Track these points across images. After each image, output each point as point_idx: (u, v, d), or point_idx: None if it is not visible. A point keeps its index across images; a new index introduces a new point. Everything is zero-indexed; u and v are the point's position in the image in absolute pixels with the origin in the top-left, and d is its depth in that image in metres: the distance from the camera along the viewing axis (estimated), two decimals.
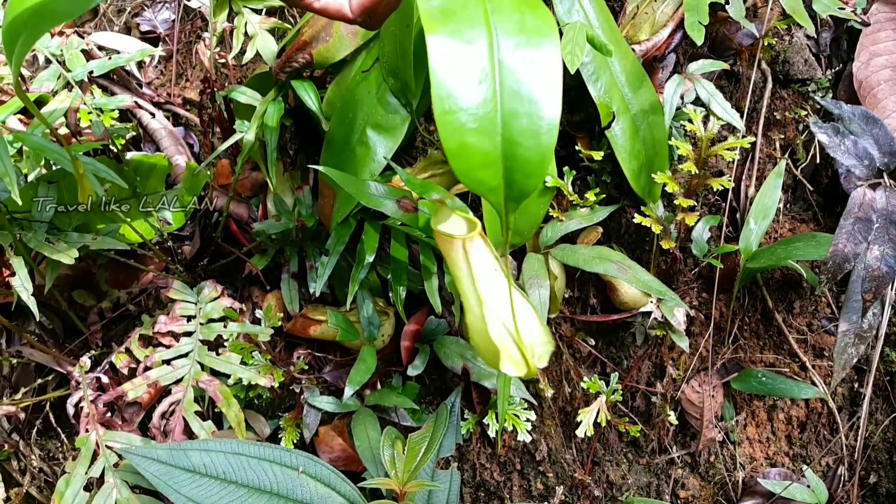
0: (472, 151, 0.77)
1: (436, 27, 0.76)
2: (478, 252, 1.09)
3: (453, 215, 1.16)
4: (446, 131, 0.76)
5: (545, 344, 1.11)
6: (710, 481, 1.68)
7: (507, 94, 0.77)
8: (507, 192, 0.80)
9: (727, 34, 1.63)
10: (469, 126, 0.76)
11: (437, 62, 0.75)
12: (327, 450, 1.63)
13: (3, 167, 1.25)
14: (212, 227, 1.80)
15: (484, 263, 1.09)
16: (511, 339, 1.08)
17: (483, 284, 1.08)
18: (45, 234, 1.46)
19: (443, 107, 0.75)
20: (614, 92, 1.46)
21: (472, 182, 0.79)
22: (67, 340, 1.78)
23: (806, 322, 1.65)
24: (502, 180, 0.79)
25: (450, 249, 1.10)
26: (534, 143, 0.77)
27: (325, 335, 1.64)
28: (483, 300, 1.08)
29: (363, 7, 0.99)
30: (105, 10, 2.08)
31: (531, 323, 1.10)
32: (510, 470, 1.68)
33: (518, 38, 0.78)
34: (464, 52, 0.76)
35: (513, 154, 0.77)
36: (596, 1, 1.45)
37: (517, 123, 0.77)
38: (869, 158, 1.34)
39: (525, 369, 1.08)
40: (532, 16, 0.79)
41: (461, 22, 0.77)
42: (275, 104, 1.50)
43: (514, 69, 0.77)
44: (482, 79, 0.76)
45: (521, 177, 0.79)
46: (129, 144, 1.89)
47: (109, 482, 1.46)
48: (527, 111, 0.77)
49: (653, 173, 1.50)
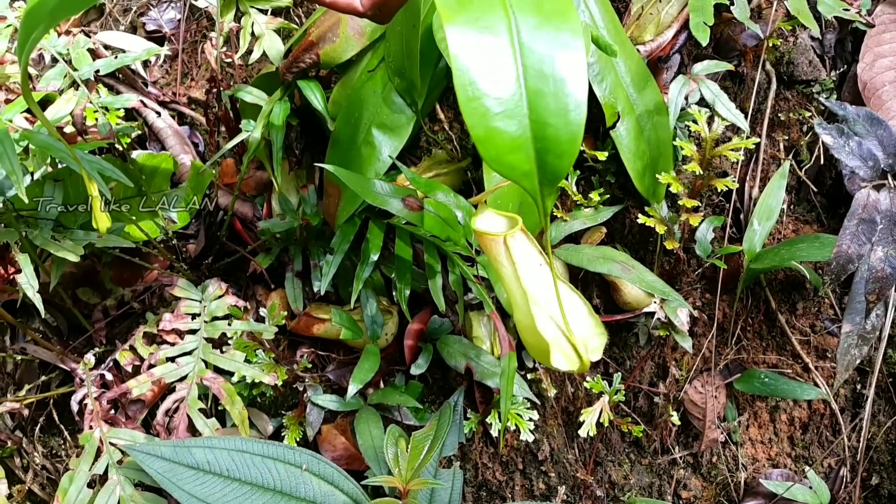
0: (500, 136, 0.75)
1: (453, 17, 0.75)
2: (520, 247, 1.08)
3: (492, 213, 1.15)
4: (472, 118, 0.75)
5: (598, 336, 1.09)
6: (713, 482, 1.68)
7: (531, 75, 0.76)
8: (541, 176, 0.78)
9: (732, 35, 1.64)
10: (495, 111, 0.75)
11: (458, 50, 0.74)
12: (330, 448, 1.64)
13: (9, 165, 1.26)
14: (217, 225, 1.80)
15: (527, 259, 1.08)
16: (561, 332, 1.07)
17: (528, 280, 1.07)
18: (51, 231, 1.47)
19: (466, 94, 0.74)
20: (619, 92, 1.47)
21: (504, 168, 0.78)
22: (72, 338, 1.79)
23: (809, 323, 1.66)
24: (534, 163, 0.77)
25: (491, 248, 1.08)
26: (563, 122, 0.76)
27: (328, 334, 1.64)
28: (529, 295, 1.06)
29: (374, 1, 0.99)
30: (111, 10, 2.08)
31: (581, 315, 1.08)
32: (512, 469, 1.69)
33: (537, 19, 0.77)
34: (483, 38, 0.75)
35: (543, 135, 0.76)
36: (601, 2, 1.46)
37: (544, 103, 0.76)
38: (873, 160, 1.34)
39: (578, 363, 1.06)
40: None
41: (478, 9, 0.76)
42: (281, 104, 1.51)
43: (536, 50, 0.76)
44: (504, 62, 0.75)
45: (554, 158, 0.77)
46: (134, 143, 1.89)
47: (113, 479, 1.46)
48: (552, 90, 0.75)
49: (657, 174, 1.50)
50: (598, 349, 1.09)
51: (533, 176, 0.78)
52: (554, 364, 1.05)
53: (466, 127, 0.76)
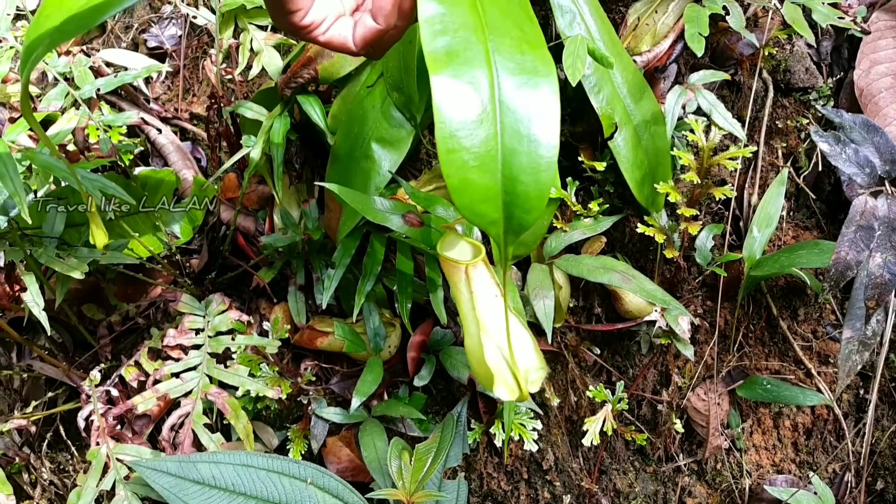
0: (474, 187, 0.79)
1: (440, 68, 0.78)
2: (480, 278, 1.12)
3: (460, 241, 1.18)
4: (450, 168, 0.78)
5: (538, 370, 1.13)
6: (717, 489, 1.69)
7: (508, 133, 0.79)
8: (507, 225, 0.83)
9: (728, 44, 1.64)
10: (471, 164, 0.78)
11: (441, 102, 0.77)
12: (335, 461, 1.64)
13: (12, 186, 1.27)
14: (219, 240, 1.81)
15: (485, 289, 1.12)
16: (506, 364, 1.11)
17: (483, 310, 1.11)
18: (55, 249, 1.48)
19: (446, 145, 0.77)
20: (616, 103, 1.48)
21: (474, 216, 0.82)
22: (77, 354, 1.80)
23: (811, 329, 1.66)
24: (502, 214, 0.81)
25: (452, 274, 1.13)
26: (532, 180, 0.80)
27: (332, 347, 1.65)
28: (482, 325, 1.10)
29: (366, 41, 1.00)
30: (113, 27, 2.10)
31: (526, 349, 1.12)
32: (517, 479, 1.69)
33: (519, 79, 0.80)
34: (466, 92, 0.78)
35: (513, 190, 0.80)
36: (597, 13, 1.47)
37: (517, 161, 0.79)
38: (870, 166, 1.34)
39: (517, 393, 1.11)
40: (532, 56, 0.82)
41: (464, 63, 0.79)
42: (281, 119, 1.52)
43: (515, 109, 0.79)
44: (484, 119, 0.79)
45: (520, 211, 0.81)
46: (137, 160, 1.91)
47: (120, 495, 1.47)
48: (526, 150, 0.79)
49: (655, 183, 1.51)
50: (536, 382, 1.13)
51: (500, 224, 0.83)
52: (496, 392, 1.10)
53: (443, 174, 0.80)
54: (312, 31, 0.98)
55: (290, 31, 0.99)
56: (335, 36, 1.00)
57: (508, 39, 0.83)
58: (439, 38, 0.81)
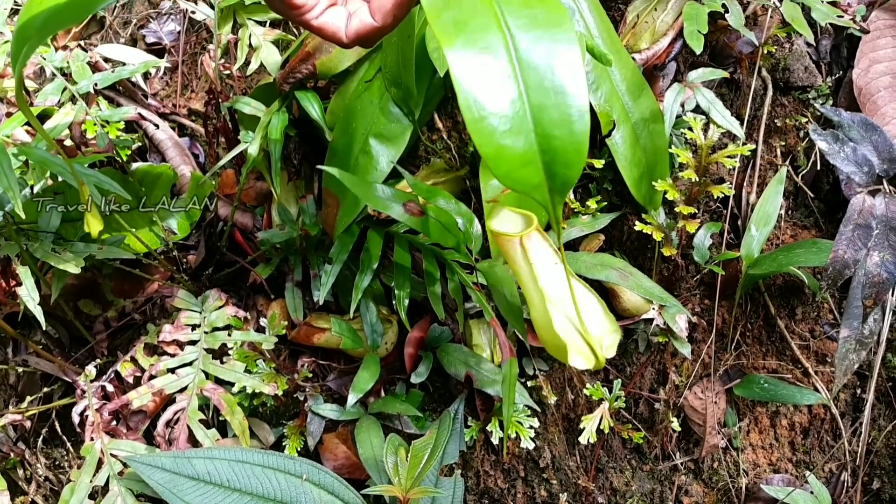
0: (509, 153, 0.77)
1: (452, 40, 0.77)
2: (536, 247, 1.09)
3: (510, 213, 1.16)
4: (481, 137, 0.77)
5: (612, 333, 1.10)
6: (714, 488, 1.68)
7: (533, 89, 0.77)
8: (551, 185, 0.80)
9: (727, 42, 1.64)
10: (501, 129, 0.77)
11: (460, 73, 0.76)
12: (331, 457, 1.64)
13: (6, 182, 1.27)
14: (217, 236, 1.81)
15: (543, 258, 1.09)
16: (577, 331, 1.08)
17: (544, 280, 1.08)
18: (52, 244, 1.47)
19: (472, 115, 0.76)
20: (614, 101, 1.47)
21: (515, 182, 0.80)
22: (73, 349, 1.80)
23: (808, 328, 1.66)
24: (544, 175, 0.79)
25: (508, 248, 1.10)
26: (567, 133, 0.78)
27: (328, 343, 1.65)
28: (546, 295, 1.07)
29: (359, 35, 1.00)
30: (111, 23, 2.10)
31: (597, 314, 1.10)
32: (514, 477, 1.69)
33: (533, 33, 0.79)
34: (482, 58, 0.77)
35: (550, 147, 0.78)
36: (596, 11, 1.47)
37: (548, 116, 0.77)
38: (868, 165, 1.34)
39: (594, 361, 1.08)
40: (542, 9, 0.81)
41: (474, 30, 0.78)
42: (279, 115, 1.52)
43: (535, 64, 0.78)
44: (505, 80, 0.77)
45: (562, 168, 0.79)
46: (135, 155, 1.90)
47: (114, 490, 1.47)
48: (554, 102, 0.77)
49: (654, 181, 1.51)
50: (612, 346, 1.10)
51: (543, 187, 0.80)
52: (571, 362, 1.06)
53: (476, 146, 0.78)
54: (305, 13, 0.97)
55: (282, 12, 0.98)
56: (328, 23, 0.99)
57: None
58: (444, 13, 0.79)
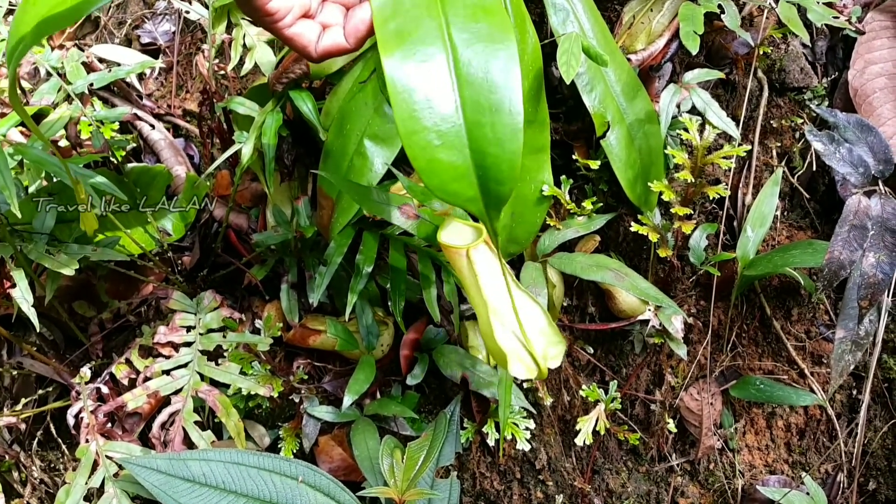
0: (442, 166, 0.78)
1: (391, 50, 0.77)
2: (482, 259, 1.10)
3: (458, 224, 1.17)
4: (413, 150, 0.77)
5: (556, 344, 1.11)
6: (710, 489, 1.68)
7: (469, 106, 0.78)
8: (486, 200, 0.81)
9: (723, 43, 1.64)
10: (436, 143, 0.77)
11: (396, 84, 0.76)
12: (327, 459, 1.64)
13: (2, 181, 1.26)
14: (212, 237, 1.81)
15: (489, 270, 1.10)
16: (519, 342, 1.09)
17: (488, 290, 1.09)
18: (46, 245, 1.47)
19: (406, 128, 0.77)
20: (609, 102, 1.47)
21: (449, 195, 0.80)
22: (68, 351, 1.79)
23: (804, 329, 1.66)
24: (478, 190, 0.80)
25: (455, 260, 1.11)
26: (501, 151, 0.78)
27: (324, 345, 1.64)
28: (490, 305, 1.09)
29: (329, 54, 1.02)
30: (106, 23, 2.09)
31: (540, 325, 1.11)
32: (510, 479, 1.69)
33: (475, 48, 0.79)
34: (421, 70, 0.77)
35: (484, 164, 0.79)
36: (591, 12, 1.46)
37: (483, 133, 0.78)
38: (864, 166, 1.34)
39: (535, 371, 1.09)
40: (486, 23, 0.80)
41: (417, 41, 0.78)
42: (273, 115, 1.51)
43: (473, 81, 0.78)
44: (443, 94, 0.78)
45: (495, 185, 0.80)
46: (129, 156, 1.90)
47: (109, 492, 1.46)
48: (490, 120, 0.78)
49: (649, 182, 1.50)
50: (556, 357, 1.11)
51: (478, 201, 0.81)
52: (512, 372, 1.08)
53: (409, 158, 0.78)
54: (277, 21, 0.98)
55: (254, 18, 0.99)
56: (299, 35, 1.01)
57: (462, 9, 0.81)
58: (391, 22, 0.80)
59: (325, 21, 1.03)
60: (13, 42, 0.86)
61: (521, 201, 1.49)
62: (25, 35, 0.83)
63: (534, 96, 1.41)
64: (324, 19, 1.03)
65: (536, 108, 1.43)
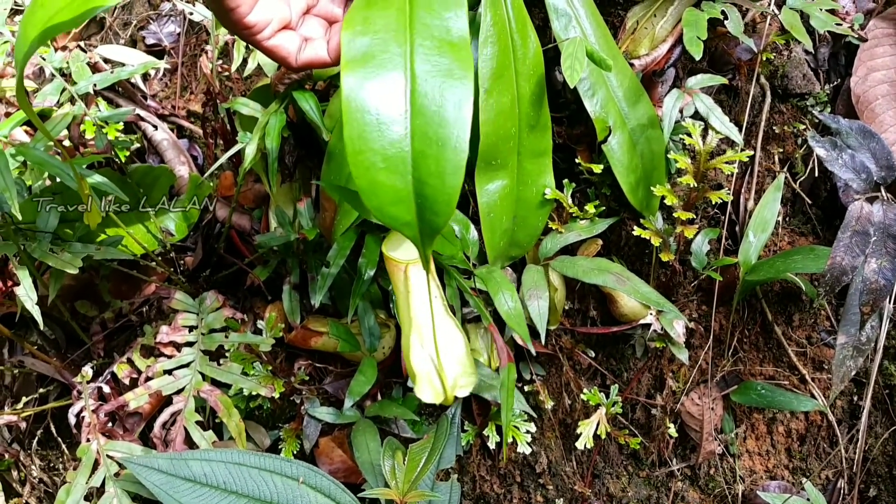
0: (383, 189, 0.80)
1: (354, 68, 0.79)
2: (418, 278, 1.12)
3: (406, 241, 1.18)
4: (358, 169, 0.79)
5: (469, 375, 1.13)
6: (710, 494, 1.68)
7: (418, 135, 0.79)
8: (422, 227, 0.83)
9: (726, 49, 1.65)
10: (379, 165, 0.79)
11: (351, 102, 0.78)
12: (327, 461, 1.64)
13: (3, 182, 1.27)
14: (214, 238, 1.81)
15: (422, 289, 1.12)
16: (433, 365, 1.11)
17: (417, 310, 1.11)
18: (49, 244, 1.47)
19: (354, 146, 0.78)
20: (611, 107, 1.48)
21: (386, 218, 0.82)
22: (69, 350, 1.79)
23: (805, 335, 1.66)
24: (415, 216, 0.82)
25: (393, 272, 1.13)
26: (440, 183, 0.80)
27: (325, 346, 1.65)
28: (413, 325, 1.10)
29: (310, 65, 1.03)
30: (111, 24, 2.10)
31: (458, 353, 1.12)
32: (510, 482, 1.68)
33: (434, 81, 0.80)
34: (378, 93, 0.79)
35: (423, 193, 0.80)
36: (593, 17, 1.47)
37: (426, 164, 0.79)
38: (866, 172, 1.35)
39: (442, 397, 1.11)
40: (451, 58, 0.82)
41: (379, 64, 0.80)
42: (276, 116, 1.52)
43: (427, 111, 0.80)
44: (395, 120, 0.79)
45: (431, 214, 0.81)
46: (133, 156, 1.90)
47: (110, 492, 1.46)
48: (435, 153, 0.79)
49: (651, 186, 1.51)
50: (466, 387, 1.13)
51: (414, 227, 0.83)
52: (418, 394, 1.10)
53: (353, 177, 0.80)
54: (256, 34, 0.99)
55: (233, 31, 1.00)
56: (279, 47, 1.02)
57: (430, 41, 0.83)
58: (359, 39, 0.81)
59: (306, 34, 1.04)
60: (22, 43, 0.86)
61: (524, 205, 1.49)
62: (32, 38, 0.84)
63: (536, 101, 1.42)
64: (305, 32, 1.04)
65: (539, 113, 1.43)
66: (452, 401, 1.12)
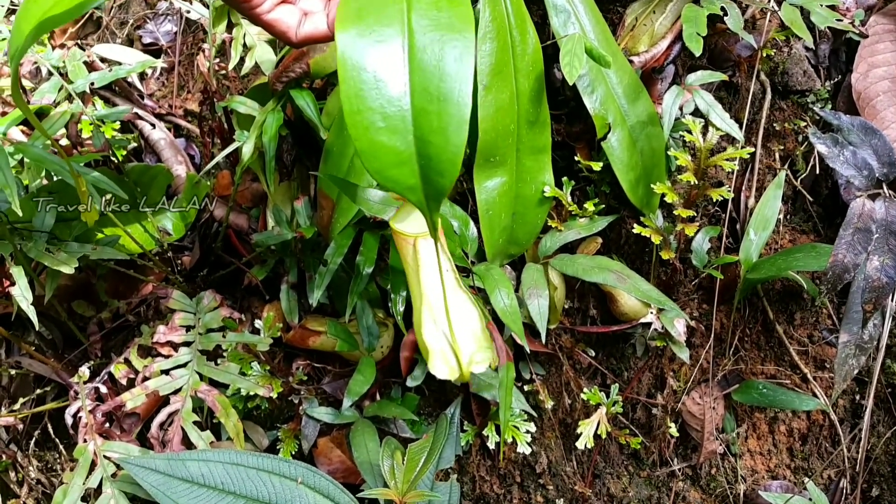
0: (384, 150, 0.76)
1: (348, 26, 0.76)
2: (428, 251, 1.09)
3: (415, 213, 1.16)
4: (356, 130, 0.75)
5: (485, 350, 1.10)
6: (712, 494, 1.67)
7: (418, 91, 0.76)
8: (426, 190, 0.79)
9: (726, 45, 1.64)
10: (379, 124, 0.76)
11: (346, 60, 0.75)
12: (326, 461, 1.63)
13: (3, 179, 1.26)
14: (212, 237, 1.80)
15: (432, 263, 1.09)
16: (446, 340, 1.08)
17: (427, 284, 1.08)
18: (46, 244, 1.46)
19: (351, 105, 0.75)
20: (610, 104, 1.47)
21: (389, 181, 0.78)
22: (67, 351, 1.78)
23: (807, 333, 1.65)
24: (419, 179, 0.78)
25: (402, 247, 1.10)
26: (443, 141, 0.76)
27: (324, 346, 1.64)
28: (425, 299, 1.07)
29: (310, 39, 1.02)
30: (108, 23, 2.09)
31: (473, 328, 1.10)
32: (510, 482, 1.68)
33: (433, 35, 0.77)
34: (374, 49, 0.76)
35: (426, 153, 0.77)
36: (593, 13, 1.46)
37: (428, 121, 0.76)
38: (868, 169, 1.33)
39: (457, 373, 1.08)
40: (449, 13, 0.79)
41: (375, 21, 0.77)
42: (273, 114, 1.51)
43: (426, 67, 0.77)
44: (393, 76, 0.76)
45: (436, 175, 0.78)
46: (130, 155, 1.89)
47: (107, 493, 1.45)
48: (437, 109, 0.76)
49: (651, 184, 1.50)
50: (482, 363, 1.10)
51: (419, 191, 0.79)
52: (432, 370, 1.07)
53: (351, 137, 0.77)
54: (255, 7, 0.99)
55: (232, 4, 1.01)
56: (278, 21, 1.01)
57: None
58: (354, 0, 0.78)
59: (305, 8, 1.04)
60: (16, 39, 0.85)
61: (523, 202, 1.48)
62: (28, 32, 0.83)
63: (535, 97, 1.41)
64: (304, 6, 1.04)
65: (538, 109, 1.43)
66: (469, 377, 1.09)
